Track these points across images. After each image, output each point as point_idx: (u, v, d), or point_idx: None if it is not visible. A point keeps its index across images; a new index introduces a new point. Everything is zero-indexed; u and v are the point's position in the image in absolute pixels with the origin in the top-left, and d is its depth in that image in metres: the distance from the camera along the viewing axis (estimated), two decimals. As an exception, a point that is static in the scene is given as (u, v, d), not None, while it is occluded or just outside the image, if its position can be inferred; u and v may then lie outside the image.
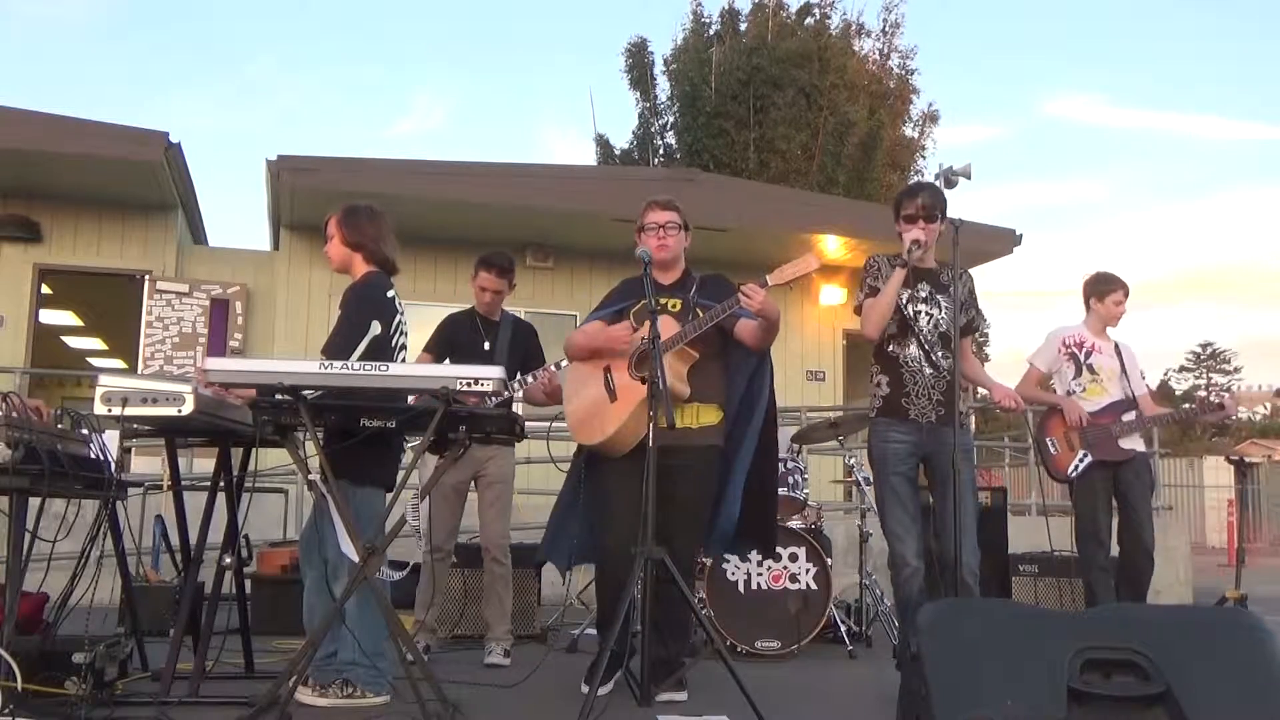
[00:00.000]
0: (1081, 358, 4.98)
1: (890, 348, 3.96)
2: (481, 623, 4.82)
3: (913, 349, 3.92)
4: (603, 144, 20.08)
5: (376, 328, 3.51)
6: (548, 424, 4.07)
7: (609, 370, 3.83)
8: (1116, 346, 5.03)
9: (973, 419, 4.92)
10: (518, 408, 4.60)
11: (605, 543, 3.86)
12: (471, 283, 4.84)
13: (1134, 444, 4.87)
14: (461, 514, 4.80)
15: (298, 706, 3.30)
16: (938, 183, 4.05)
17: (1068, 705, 2.16)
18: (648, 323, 3.56)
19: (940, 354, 3.91)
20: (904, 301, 3.92)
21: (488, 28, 56.03)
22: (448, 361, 4.62)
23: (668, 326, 3.73)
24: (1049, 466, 4.98)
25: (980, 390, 4.30)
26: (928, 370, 3.89)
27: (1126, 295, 5.02)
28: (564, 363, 4.62)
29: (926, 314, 3.93)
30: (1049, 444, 4.96)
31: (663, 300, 3.88)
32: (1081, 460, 4.83)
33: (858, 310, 4.04)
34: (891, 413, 3.94)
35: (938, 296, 3.96)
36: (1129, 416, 4.88)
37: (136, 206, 9.80)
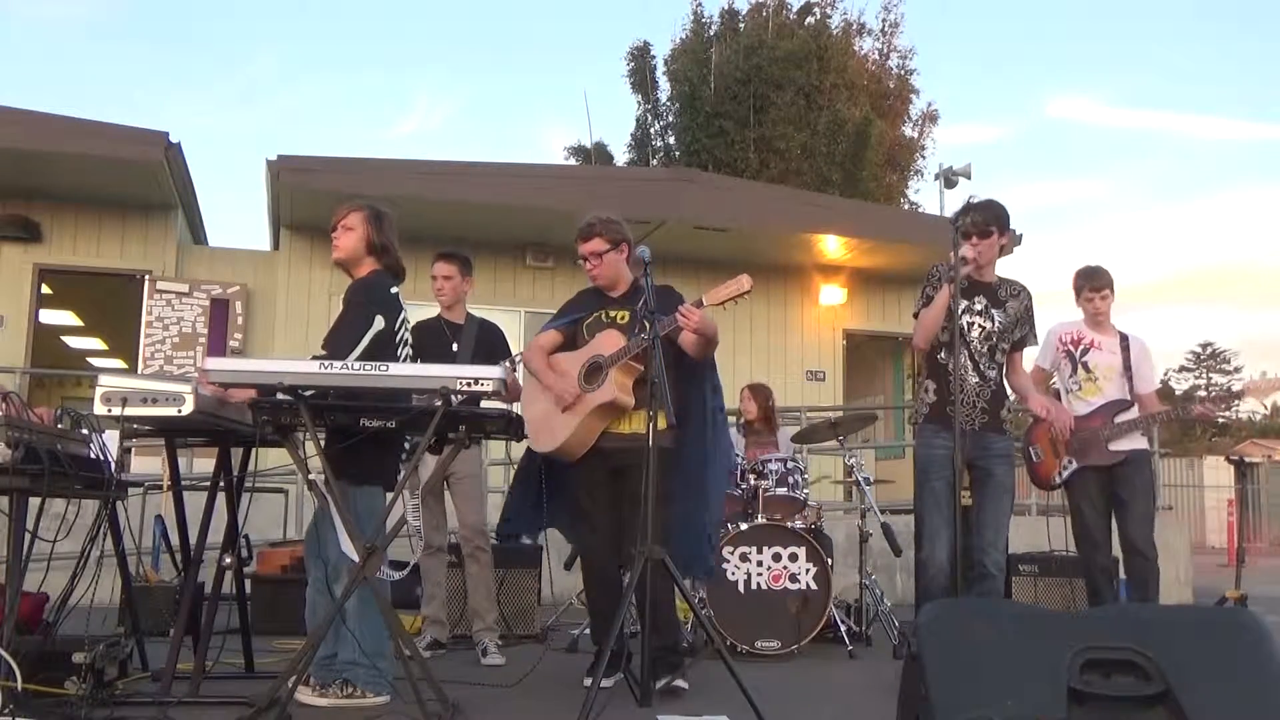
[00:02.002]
0: (1077, 355, 4.85)
1: (941, 355, 4.08)
2: (471, 614, 4.82)
3: (962, 358, 4.00)
4: (582, 153, 20.08)
5: (380, 322, 3.51)
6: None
7: None
8: (1124, 340, 4.86)
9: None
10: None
11: (584, 552, 4.08)
12: None
13: (1130, 444, 4.74)
14: (444, 511, 4.91)
15: (298, 706, 3.30)
16: (937, 182, 4.15)
17: (1068, 705, 2.15)
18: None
19: (987, 364, 4.04)
20: (959, 313, 3.98)
21: (489, 28, 56.07)
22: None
23: (614, 339, 3.90)
24: (1031, 474, 4.93)
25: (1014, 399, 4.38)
26: (974, 379, 4.02)
27: (1097, 289, 4.83)
28: (517, 358, 4.74)
29: (979, 326, 4.06)
30: (1032, 451, 4.90)
31: (611, 312, 4.05)
32: (1067, 467, 4.75)
33: (916, 315, 4.16)
34: (936, 419, 4.06)
35: (992, 310, 4.08)
36: (1125, 416, 4.74)
37: (136, 206, 9.80)
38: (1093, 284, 4.84)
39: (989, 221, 4.00)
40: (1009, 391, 4.24)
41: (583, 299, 4.20)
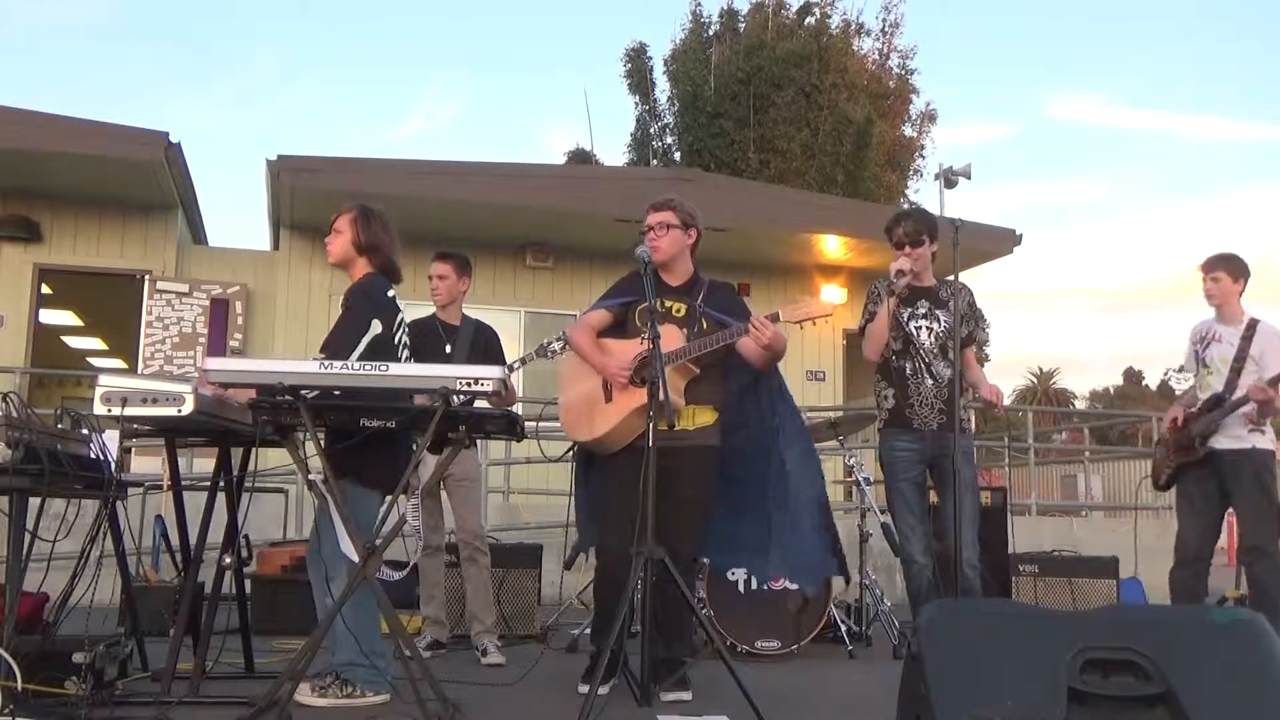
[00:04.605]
0: (1200, 350, 4.77)
1: (894, 362, 4.26)
2: (470, 617, 4.82)
3: (914, 363, 4.22)
4: (577, 156, 20.11)
5: (378, 326, 3.51)
6: (535, 423, 4.10)
7: None
8: (1250, 328, 4.64)
9: (972, 419, 4.92)
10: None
11: (604, 543, 3.91)
12: None
13: (1229, 441, 4.56)
14: (442, 512, 4.88)
15: (297, 707, 3.30)
16: (937, 182, 4.25)
17: (1068, 705, 2.16)
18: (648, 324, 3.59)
19: (940, 366, 4.20)
20: (905, 319, 4.25)
21: (490, 30, 56.10)
22: None
23: (670, 333, 3.73)
24: (1153, 478, 4.97)
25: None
26: (929, 381, 4.20)
27: (1207, 269, 4.70)
28: (516, 364, 4.69)
29: (927, 329, 4.25)
30: (1157, 452, 4.93)
31: (667, 303, 3.88)
32: (1172, 466, 4.77)
33: (861, 332, 4.37)
34: (897, 423, 4.25)
35: (937, 312, 4.30)
36: (1224, 410, 4.56)
37: (136, 206, 9.80)
38: (1204, 265, 4.73)
39: (921, 230, 4.24)
40: (966, 389, 4.33)
41: (637, 281, 3.92)
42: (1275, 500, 4.56)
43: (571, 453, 4.14)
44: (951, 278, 4.23)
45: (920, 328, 4.24)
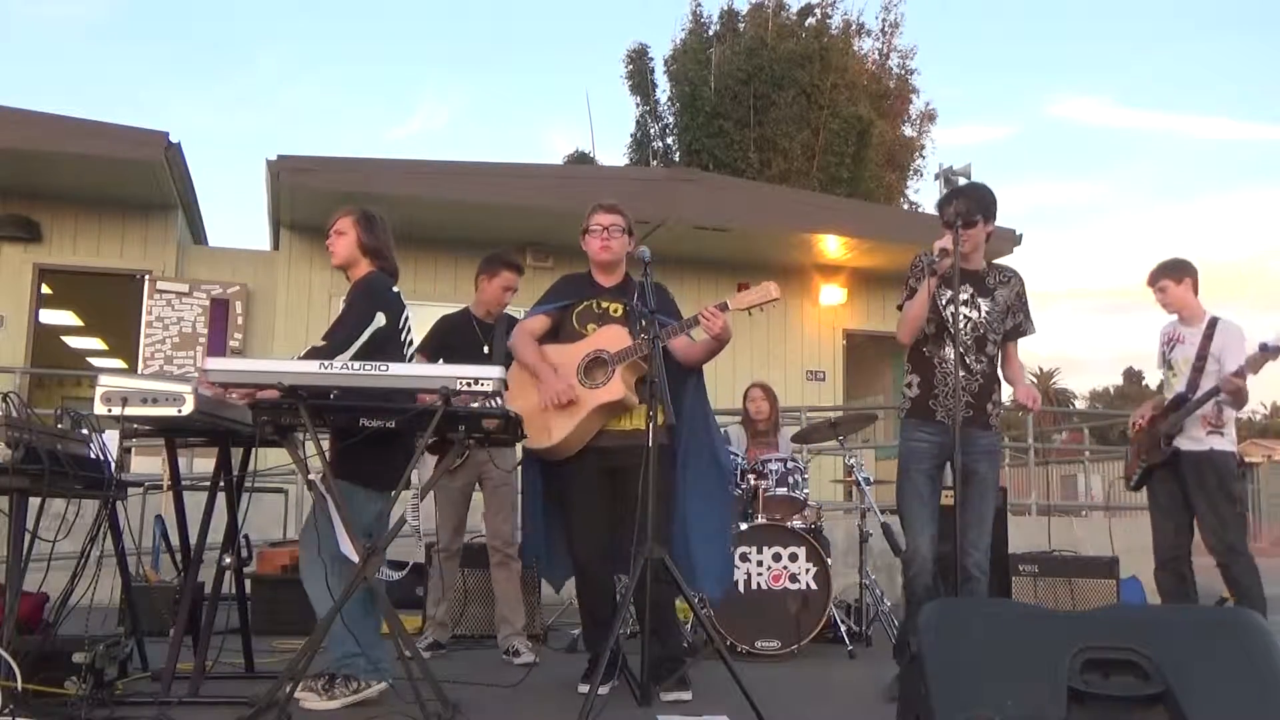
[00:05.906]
0: (1167, 352, 4.80)
1: (926, 348, 3.94)
2: (484, 622, 4.83)
3: (947, 350, 3.86)
4: (577, 159, 20.15)
5: (381, 319, 3.52)
6: None
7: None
8: (1210, 329, 4.66)
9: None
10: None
11: (576, 553, 3.89)
12: (487, 283, 4.78)
13: (1190, 442, 4.59)
14: (467, 514, 4.85)
15: (305, 711, 3.30)
16: (937, 182, 4.11)
17: (1068, 705, 2.15)
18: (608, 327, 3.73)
19: (974, 356, 3.88)
20: (944, 303, 3.86)
21: (492, 31, 56.14)
22: (441, 362, 4.60)
23: (618, 335, 3.79)
24: (1125, 478, 4.99)
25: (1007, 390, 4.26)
26: (960, 372, 3.82)
27: (1153, 284, 4.75)
28: None
29: (965, 317, 3.87)
30: (1126, 454, 4.95)
31: (604, 304, 3.93)
32: (1141, 467, 4.78)
33: (900, 308, 4.01)
34: (919, 414, 3.92)
35: (979, 299, 3.90)
36: (1188, 408, 4.59)
37: (136, 206, 9.80)
38: (1148, 281, 4.78)
39: (972, 211, 3.82)
40: (1001, 383, 4.05)
41: (571, 284, 4.04)
42: (1237, 500, 4.60)
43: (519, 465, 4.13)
44: (981, 264, 4.00)
45: (958, 314, 3.85)
